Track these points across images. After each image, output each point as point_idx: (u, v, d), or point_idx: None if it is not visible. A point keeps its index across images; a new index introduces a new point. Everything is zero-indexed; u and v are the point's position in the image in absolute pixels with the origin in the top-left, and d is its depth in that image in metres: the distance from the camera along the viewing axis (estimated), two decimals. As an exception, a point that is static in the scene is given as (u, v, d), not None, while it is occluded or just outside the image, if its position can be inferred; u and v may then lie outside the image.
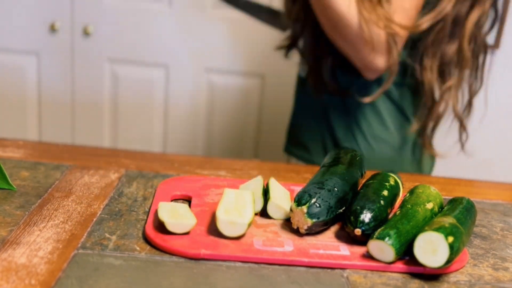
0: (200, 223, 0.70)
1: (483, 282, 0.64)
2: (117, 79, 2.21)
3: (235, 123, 2.27)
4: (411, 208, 0.69)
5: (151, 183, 0.84)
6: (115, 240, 0.65)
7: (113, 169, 0.88)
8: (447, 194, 0.88)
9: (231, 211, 0.67)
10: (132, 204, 0.76)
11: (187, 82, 2.22)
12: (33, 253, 0.61)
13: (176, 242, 0.64)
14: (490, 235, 0.77)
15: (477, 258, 0.70)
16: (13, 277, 0.56)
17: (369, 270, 0.64)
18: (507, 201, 0.91)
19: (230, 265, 0.63)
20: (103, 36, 2.16)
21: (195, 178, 0.85)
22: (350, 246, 0.68)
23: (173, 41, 2.17)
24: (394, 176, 0.78)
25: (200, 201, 0.77)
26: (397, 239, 0.63)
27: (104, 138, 2.29)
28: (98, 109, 2.25)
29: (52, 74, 2.20)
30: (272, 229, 0.71)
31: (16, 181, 0.80)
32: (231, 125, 2.28)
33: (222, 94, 2.24)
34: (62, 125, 2.26)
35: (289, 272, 0.62)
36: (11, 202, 0.73)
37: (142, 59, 2.19)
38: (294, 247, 0.66)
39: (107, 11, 2.13)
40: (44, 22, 2.14)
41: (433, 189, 0.76)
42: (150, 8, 2.13)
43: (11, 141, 0.98)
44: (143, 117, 2.26)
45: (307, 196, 0.69)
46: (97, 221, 0.70)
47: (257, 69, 2.21)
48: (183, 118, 2.26)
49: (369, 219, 0.67)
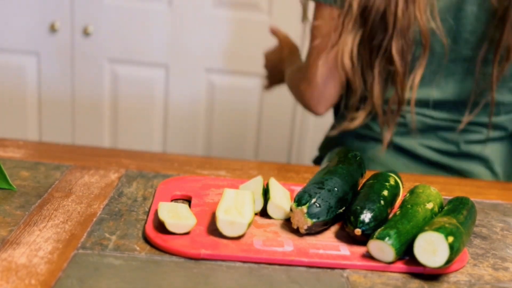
0: (200, 223, 0.70)
1: (483, 282, 0.64)
2: (117, 79, 2.21)
3: (235, 123, 2.27)
4: (411, 208, 0.69)
5: (151, 183, 0.84)
6: (115, 240, 0.65)
7: (113, 169, 0.88)
8: (447, 194, 0.88)
9: (231, 211, 0.67)
10: (132, 204, 0.76)
11: (187, 82, 2.22)
12: (33, 253, 0.61)
13: (176, 242, 0.64)
14: (490, 235, 0.77)
15: (477, 258, 0.70)
16: (13, 277, 0.56)
17: (369, 270, 0.64)
18: (507, 201, 0.91)
19: (230, 265, 0.63)
20: (103, 36, 2.16)
21: (195, 178, 0.85)
22: (350, 246, 0.68)
23: (173, 41, 2.17)
24: (394, 176, 0.78)
25: (200, 201, 0.77)
26: (397, 239, 0.63)
27: (104, 138, 2.29)
28: (98, 109, 2.25)
29: (52, 74, 2.20)
30: (272, 229, 0.71)
31: (16, 181, 0.80)
32: (231, 125, 2.28)
33: (222, 94, 2.24)
34: (62, 125, 2.26)
35: (289, 272, 0.62)
36: (11, 202, 0.73)
37: (142, 59, 2.19)
38: (294, 247, 0.66)
39: (107, 11, 2.13)
40: (44, 22, 2.14)
41: (433, 189, 0.76)
42: (150, 8, 2.13)
43: (11, 141, 0.98)
44: (143, 117, 2.26)
45: (307, 196, 0.69)
46: (97, 221, 0.70)
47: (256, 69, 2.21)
48: (183, 118, 2.26)
49: (369, 219, 0.67)
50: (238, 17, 2.15)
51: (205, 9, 2.14)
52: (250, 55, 2.18)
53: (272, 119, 2.26)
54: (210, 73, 2.21)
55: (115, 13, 2.14)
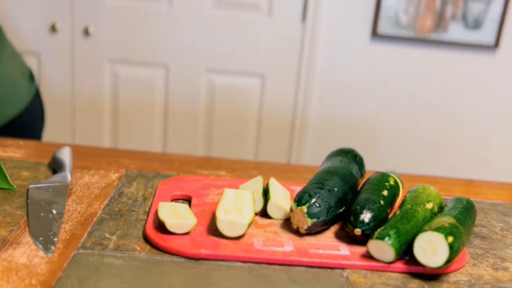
0: (200, 223, 0.70)
1: (482, 282, 0.64)
2: (118, 79, 2.21)
3: (235, 123, 2.27)
4: (411, 208, 0.69)
5: (151, 183, 0.84)
6: (115, 240, 0.65)
7: (113, 169, 0.88)
8: (447, 194, 0.88)
9: (231, 211, 0.67)
10: (132, 204, 0.76)
11: (187, 82, 2.22)
12: (33, 253, 0.61)
13: (176, 242, 0.64)
14: (489, 235, 0.77)
15: (476, 258, 0.70)
16: (13, 277, 0.56)
17: (369, 270, 0.64)
18: (507, 201, 0.91)
19: (230, 265, 0.63)
20: (104, 36, 2.16)
21: (195, 178, 0.85)
22: (350, 246, 0.68)
23: (173, 41, 2.17)
24: (394, 176, 0.78)
25: (200, 201, 0.77)
26: (397, 239, 0.63)
27: (104, 138, 2.29)
28: (99, 109, 2.25)
29: (52, 74, 2.20)
30: (272, 229, 0.71)
31: (17, 181, 0.80)
32: (231, 125, 2.28)
33: (222, 94, 2.24)
34: (62, 125, 2.26)
35: (289, 272, 0.62)
36: (12, 202, 0.73)
37: (142, 59, 2.19)
38: (294, 247, 0.66)
39: (107, 11, 2.13)
40: (45, 22, 2.14)
41: (433, 189, 0.76)
42: (151, 9, 2.13)
43: (12, 141, 0.98)
44: (143, 117, 2.26)
45: (307, 196, 0.69)
46: (97, 221, 0.70)
47: (257, 69, 2.21)
48: (183, 118, 2.26)
49: (369, 219, 0.67)
50: (238, 17, 2.15)
51: (205, 9, 2.14)
52: (250, 55, 2.18)
53: (272, 119, 2.26)
54: (210, 73, 2.21)
55: (115, 13, 2.14)
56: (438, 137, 2.31)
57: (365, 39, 2.17)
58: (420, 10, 2.12)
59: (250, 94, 2.23)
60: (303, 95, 2.22)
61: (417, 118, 2.28)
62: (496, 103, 2.26)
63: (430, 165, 2.33)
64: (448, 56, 2.19)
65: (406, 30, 2.14)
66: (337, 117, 2.26)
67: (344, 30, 2.16)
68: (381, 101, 2.25)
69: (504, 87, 2.24)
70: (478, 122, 2.28)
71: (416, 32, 2.14)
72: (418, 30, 2.14)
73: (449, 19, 2.13)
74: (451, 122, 2.28)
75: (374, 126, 2.28)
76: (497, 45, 2.15)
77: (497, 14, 2.12)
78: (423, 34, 2.14)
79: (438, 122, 2.28)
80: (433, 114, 2.27)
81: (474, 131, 2.30)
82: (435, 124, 2.28)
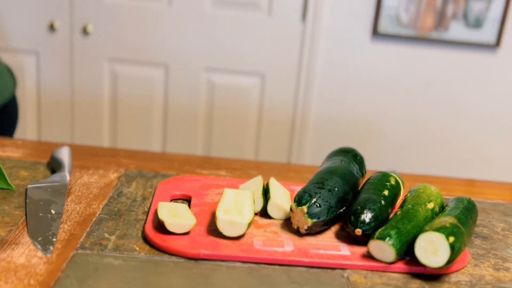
0: (200, 223, 0.69)
1: (484, 282, 0.64)
2: (117, 79, 2.21)
3: (235, 123, 2.27)
4: (412, 208, 0.69)
5: (151, 183, 0.84)
6: (114, 240, 0.65)
7: (112, 169, 0.87)
8: (448, 194, 0.88)
9: (231, 211, 0.67)
10: (131, 204, 0.75)
11: (187, 81, 2.22)
12: (32, 253, 0.61)
13: (176, 242, 0.64)
14: (491, 235, 0.77)
15: (478, 258, 0.70)
16: (12, 277, 0.56)
17: (370, 270, 0.64)
18: (508, 201, 0.91)
19: (230, 265, 0.62)
20: (103, 35, 2.16)
21: (195, 178, 0.85)
22: (350, 246, 0.68)
23: (173, 41, 2.16)
24: (395, 175, 0.77)
25: (200, 201, 0.77)
26: (398, 239, 0.63)
27: (103, 137, 2.29)
28: (98, 108, 2.24)
29: (51, 74, 2.20)
30: (272, 229, 0.70)
31: (15, 181, 0.79)
32: (231, 124, 2.27)
33: (222, 94, 2.23)
34: (61, 124, 2.26)
35: (289, 272, 0.62)
36: (10, 202, 0.73)
37: (142, 58, 2.19)
38: (294, 247, 0.66)
39: (106, 10, 2.13)
40: (43, 21, 2.13)
41: (434, 189, 0.75)
42: (150, 8, 2.13)
43: (10, 141, 0.98)
44: (142, 116, 2.26)
45: (307, 196, 0.68)
46: (96, 221, 0.70)
47: (257, 68, 2.20)
48: (182, 117, 2.26)
49: (369, 219, 0.66)
50: (238, 16, 2.15)
51: (205, 8, 2.13)
52: (250, 55, 2.18)
53: (272, 119, 2.25)
54: (209, 72, 2.21)
55: (115, 12, 2.13)
56: (439, 136, 2.31)
57: (366, 38, 2.16)
58: (421, 9, 2.11)
59: (250, 93, 2.23)
60: (303, 94, 2.22)
61: (418, 118, 2.27)
62: (497, 102, 2.26)
63: (431, 164, 2.33)
64: (449, 55, 2.18)
65: (407, 29, 2.13)
66: (338, 116, 2.26)
67: (345, 29, 2.15)
68: (382, 100, 2.25)
69: (505, 86, 2.24)
70: (479, 121, 2.28)
71: (417, 31, 2.14)
72: (419, 29, 2.13)
73: (450, 18, 2.12)
74: (452, 121, 2.28)
75: (374, 126, 2.28)
76: (498, 44, 2.15)
77: (498, 13, 2.12)
78: (424, 33, 2.14)
79: (439, 121, 2.28)
80: (434, 113, 2.27)
81: (475, 130, 2.29)
82: (436, 123, 2.28)
